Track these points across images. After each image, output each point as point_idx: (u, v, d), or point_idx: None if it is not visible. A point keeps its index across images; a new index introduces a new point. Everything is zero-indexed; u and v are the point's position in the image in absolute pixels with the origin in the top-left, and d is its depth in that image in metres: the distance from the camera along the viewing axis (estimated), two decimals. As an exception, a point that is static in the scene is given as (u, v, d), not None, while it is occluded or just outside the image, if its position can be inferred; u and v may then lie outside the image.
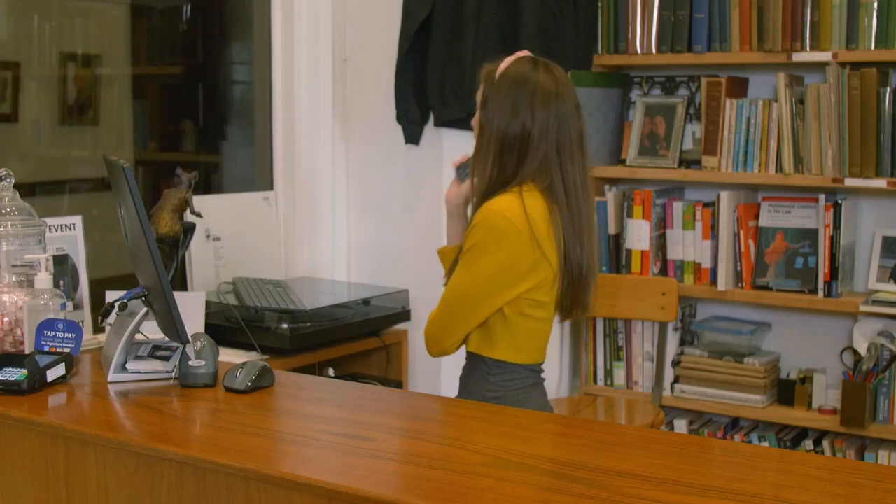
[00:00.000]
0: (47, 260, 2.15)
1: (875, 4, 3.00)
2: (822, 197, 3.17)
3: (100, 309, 2.14)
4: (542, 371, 2.38)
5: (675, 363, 3.43)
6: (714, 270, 3.33)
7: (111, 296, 2.18)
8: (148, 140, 3.88)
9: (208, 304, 2.82)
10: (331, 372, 3.24)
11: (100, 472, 1.80)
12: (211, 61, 4.06)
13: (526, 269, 2.22)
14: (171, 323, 1.99)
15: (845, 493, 1.54)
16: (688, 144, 3.44)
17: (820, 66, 3.13)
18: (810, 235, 3.21)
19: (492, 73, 2.33)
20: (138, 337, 2.12)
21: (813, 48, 3.10)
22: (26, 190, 3.10)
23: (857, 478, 1.60)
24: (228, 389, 1.99)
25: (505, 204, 2.21)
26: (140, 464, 1.75)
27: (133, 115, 3.80)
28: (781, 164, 3.18)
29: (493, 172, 2.27)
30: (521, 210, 2.20)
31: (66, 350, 2.08)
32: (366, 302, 3.27)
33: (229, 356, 2.74)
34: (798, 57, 3.11)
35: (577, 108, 2.32)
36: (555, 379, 3.48)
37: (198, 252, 3.21)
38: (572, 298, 2.31)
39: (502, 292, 2.23)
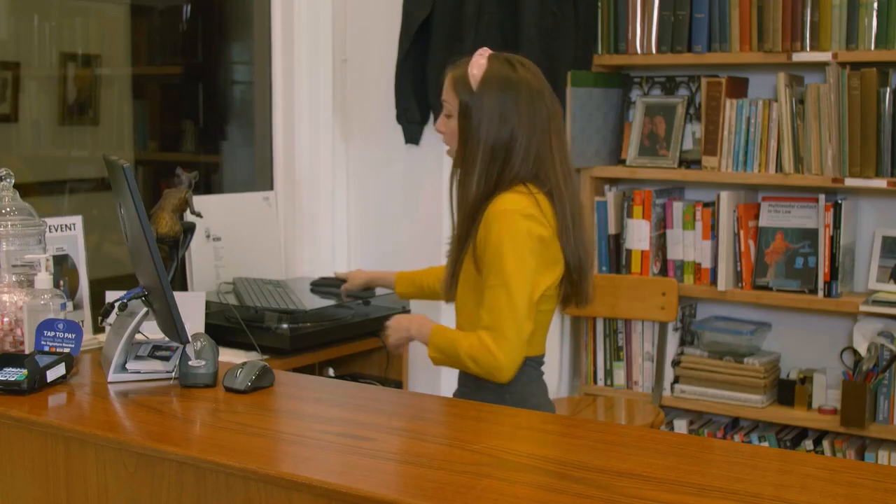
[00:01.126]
0: (47, 260, 2.16)
1: (875, 4, 3.00)
2: (822, 197, 3.17)
3: (100, 309, 2.14)
4: (542, 363, 2.38)
5: (675, 363, 3.43)
6: (714, 270, 3.33)
7: (111, 296, 2.18)
8: (148, 140, 3.88)
9: (208, 304, 2.82)
10: (331, 372, 3.24)
11: (100, 472, 1.80)
12: (211, 61, 4.06)
13: (552, 261, 2.25)
14: (171, 323, 1.99)
15: (845, 493, 1.54)
16: (688, 144, 3.44)
17: (820, 66, 3.13)
18: (810, 235, 3.21)
19: (463, 80, 2.28)
20: (138, 337, 2.12)
21: (813, 48, 3.10)
22: (26, 190, 3.09)
23: (857, 478, 1.60)
24: (228, 389, 1.99)
25: (523, 204, 2.21)
26: (140, 464, 1.75)
27: (133, 115, 3.80)
28: (781, 164, 3.17)
29: (481, 182, 2.25)
30: (536, 207, 2.22)
31: (66, 350, 2.08)
32: (366, 302, 3.27)
33: (229, 356, 2.74)
34: (798, 57, 3.11)
35: (553, 97, 2.31)
36: (555, 379, 3.48)
37: (198, 252, 3.20)
38: (575, 290, 2.33)
39: (539, 285, 2.23)
